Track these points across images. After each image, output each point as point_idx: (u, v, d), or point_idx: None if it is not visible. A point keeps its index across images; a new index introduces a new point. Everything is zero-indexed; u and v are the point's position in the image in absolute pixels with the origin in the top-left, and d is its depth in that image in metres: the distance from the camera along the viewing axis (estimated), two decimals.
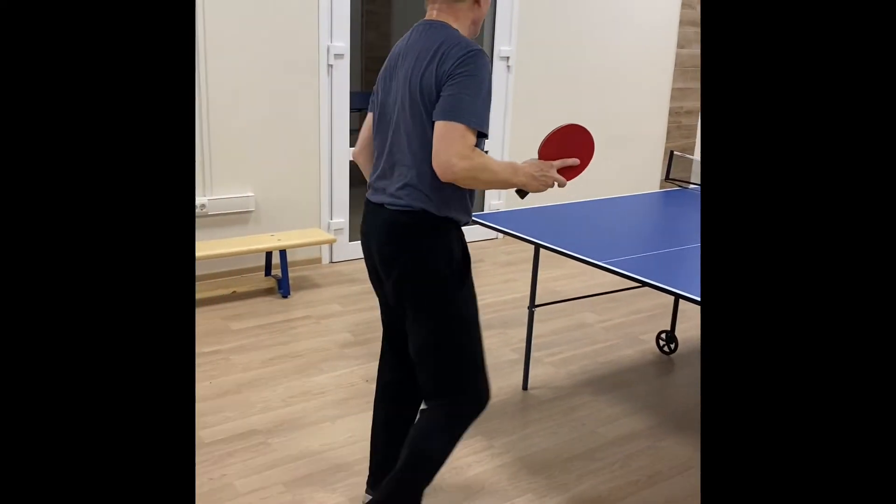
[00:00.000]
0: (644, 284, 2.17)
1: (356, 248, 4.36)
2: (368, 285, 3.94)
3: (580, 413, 2.70)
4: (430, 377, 1.80)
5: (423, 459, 1.80)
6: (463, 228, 1.87)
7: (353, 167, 4.29)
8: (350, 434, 2.49)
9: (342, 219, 4.26)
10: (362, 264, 4.29)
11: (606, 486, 2.26)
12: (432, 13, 1.76)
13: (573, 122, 1.85)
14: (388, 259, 1.76)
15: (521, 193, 1.83)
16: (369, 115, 1.90)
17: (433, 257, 1.73)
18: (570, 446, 2.48)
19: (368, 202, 1.84)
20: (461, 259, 1.78)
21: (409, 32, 1.79)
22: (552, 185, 1.80)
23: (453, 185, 1.70)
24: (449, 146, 1.61)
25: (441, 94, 1.64)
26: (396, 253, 1.74)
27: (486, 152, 1.69)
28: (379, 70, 7.13)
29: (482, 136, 1.67)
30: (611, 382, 2.96)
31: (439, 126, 1.62)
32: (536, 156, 1.85)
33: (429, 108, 1.66)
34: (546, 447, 2.46)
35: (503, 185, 1.71)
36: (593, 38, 5.04)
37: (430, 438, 1.80)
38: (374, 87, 1.87)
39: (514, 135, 4.86)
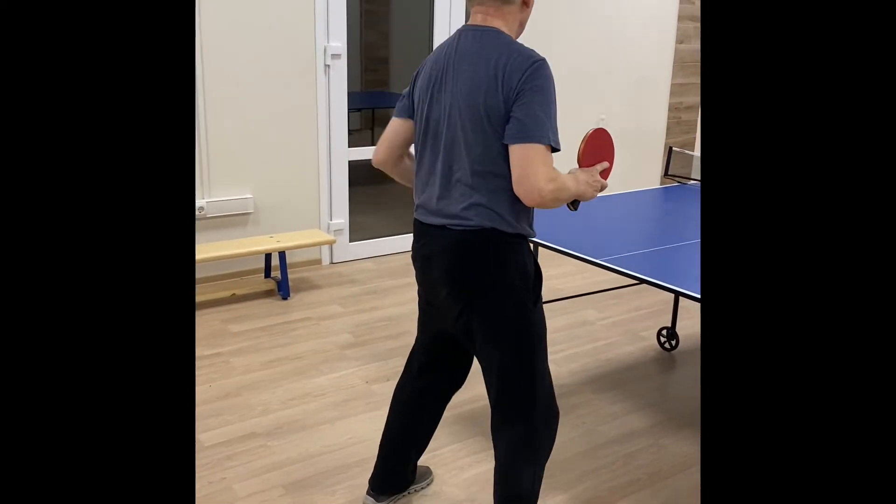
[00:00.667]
0: (642, 282, 2.15)
1: (356, 249, 4.35)
2: (369, 286, 3.94)
3: (581, 411, 2.69)
4: (507, 400, 1.75)
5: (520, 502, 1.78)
6: None
7: (353, 167, 4.28)
8: (350, 436, 2.48)
9: (342, 219, 4.25)
10: (363, 265, 4.28)
11: (607, 486, 2.25)
12: (477, 17, 1.67)
13: (597, 127, 1.84)
14: (459, 282, 1.69)
15: (575, 205, 1.78)
16: (400, 122, 1.80)
17: (510, 275, 1.67)
18: (571, 445, 2.46)
19: (423, 224, 1.74)
20: (534, 275, 1.73)
21: (453, 38, 1.70)
22: (599, 189, 1.78)
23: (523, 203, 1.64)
24: (535, 171, 1.54)
25: (512, 111, 1.56)
26: (469, 274, 1.67)
27: None
28: (380, 70, 7.14)
29: (555, 150, 1.61)
30: (612, 380, 2.95)
31: (519, 150, 1.55)
32: (576, 164, 1.81)
33: (495, 124, 1.58)
34: None
35: (572, 199, 1.68)
36: (592, 33, 5.02)
37: (520, 478, 1.76)
38: (409, 93, 1.77)
39: None
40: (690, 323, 3.55)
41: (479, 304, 1.69)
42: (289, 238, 3.79)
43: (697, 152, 5.83)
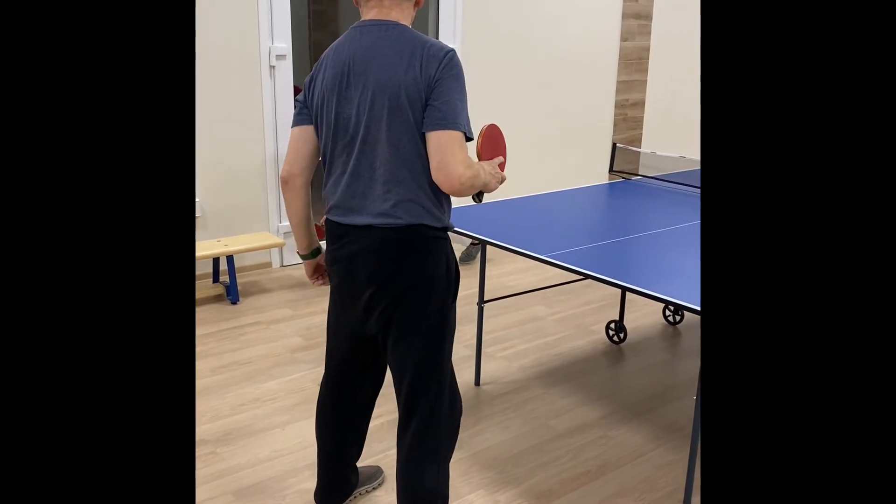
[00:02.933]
0: (588, 277, 2.19)
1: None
2: (320, 288, 3.91)
3: (532, 406, 2.72)
4: (417, 394, 1.74)
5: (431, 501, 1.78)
6: None
7: None
8: (300, 439, 2.46)
9: None
10: None
11: (558, 479, 2.28)
12: (372, 11, 1.65)
13: (490, 123, 1.88)
14: (386, 281, 1.67)
15: (480, 197, 1.80)
16: (305, 129, 1.74)
17: (438, 269, 1.68)
18: (522, 440, 2.49)
19: (342, 225, 1.70)
20: (456, 269, 1.75)
21: (351, 35, 1.66)
22: (501, 182, 1.79)
23: (446, 194, 1.65)
24: (453, 156, 1.55)
25: (430, 100, 1.57)
26: (399, 272, 1.66)
27: None
28: None
29: (469, 139, 1.62)
30: (562, 374, 2.99)
31: (439, 136, 1.56)
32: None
33: (416, 116, 1.58)
34: (498, 442, 2.47)
35: (483, 187, 1.69)
36: (538, 32, 5.07)
37: (423, 476, 1.76)
38: (306, 99, 1.73)
39: None
40: (638, 315, 3.62)
41: (405, 298, 1.68)
42: (237, 241, 3.74)
43: (644, 148, 5.94)
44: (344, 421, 1.97)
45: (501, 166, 1.86)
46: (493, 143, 1.86)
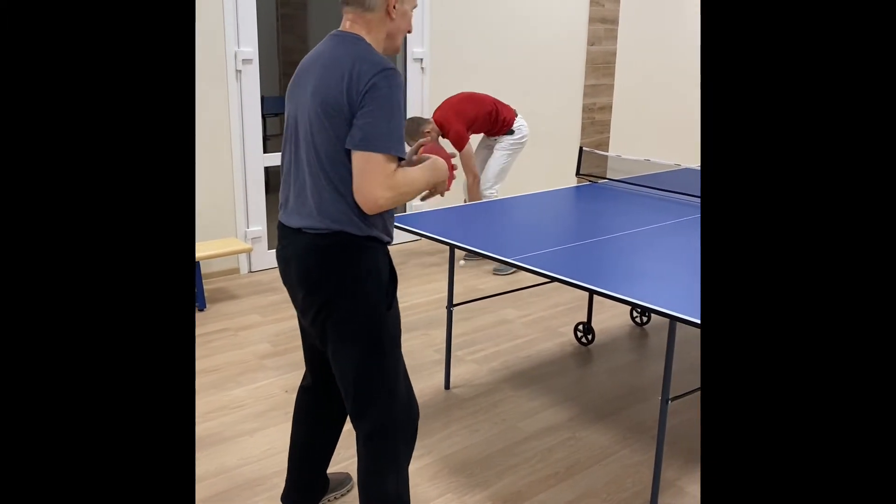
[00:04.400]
0: (554, 280, 2.21)
1: (274, 257, 4.29)
2: (287, 294, 3.89)
3: (501, 409, 2.73)
4: (363, 403, 1.74)
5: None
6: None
7: (273, 173, 4.22)
8: (269, 447, 2.45)
9: (259, 227, 4.18)
10: None
11: (526, 481, 2.29)
12: (346, 24, 1.68)
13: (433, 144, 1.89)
14: (313, 286, 1.68)
15: (425, 197, 1.82)
16: None
17: (362, 279, 1.67)
18: (491, 443, 2.50)
19: (283, 226, 1.74)
20: (389, 279, 1.73)
21: (323, 41, 1.71)
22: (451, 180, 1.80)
23: None
24: (371, 180, 1.56)
25: (356, 117, 1.57)
26: (323, 279, 1.66)
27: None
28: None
29: (401, 159, 1.62)
30: (531, 376, 3.01)
31: (358, 158, 1.56)
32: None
33: (337, 127, 1.59)
34: (467, 445, 2.48)
35: (426, 186, 1.69)
36: (505, 37, 5.10)
37: (385, 484, 1.76)
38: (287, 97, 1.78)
39: None
40: (606, 317, 3.66)
41: (332, 308, 1.68)
42: (204, 248, 3.71)
43: (611, 152, 6.00)
44: (315, 422, 1.97)
45: (450, 167, 1.83)
46: (436, 152, 1.84)
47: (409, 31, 1.75)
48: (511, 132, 4.31)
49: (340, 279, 1.66)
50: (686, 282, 2.20)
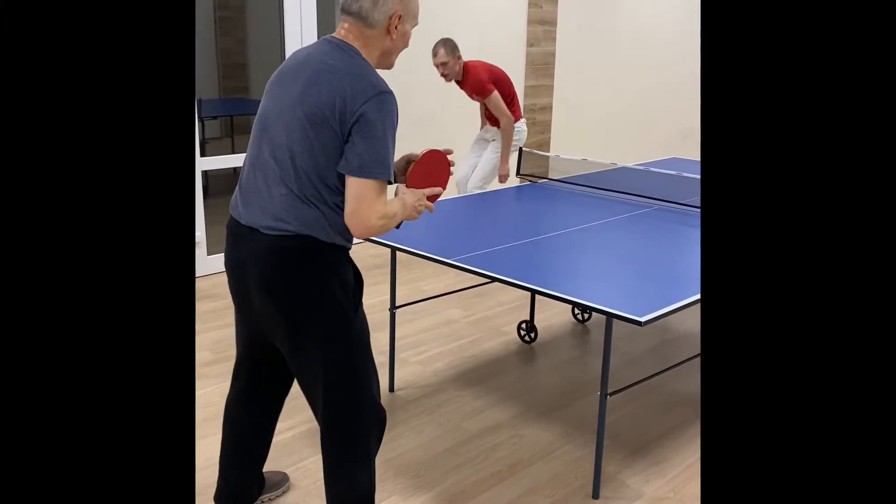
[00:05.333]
0: (494, 280, 2.23)
1: (215, 262, 4.21)
2: (229, 300, 3.82)
3: (445, 409, 2.74)
4: (339, 410, 1.73)
5: None
6: None
7: (211, 177, 4.14)
8: (208, 457, 2.40)
9: (199, 232, 4.10)
10: (222, 278, 4.15)
11: (470, 480, 2.31)
12: (341, 30, 1.65)
13: (432, 149, 1.83)
14: (275, 289, 1.64)
15: (398, 225, 1.77)
16: None
17: (330, 283, 1.64)
18: (435, 443, 2.51)
19: (238, 225, 1.69)
20: (355, 284, 1.72)
21: (314, 43, 1.67)
22: (422, 212, 1.78)
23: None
24: (368, 209, 1.56)
25: (352, 139, 1.55)
26: (287, 282, 1.63)
27: None
28: (238, 76, 6.93)
29: (390, 183, 1.62)
30: (475, 376, 3.02)
31: (356, 184, 1.55)
32: (405, 183, 1.80)
33: (324, 139, 1.56)
34: (411, 447, 2.48)
35: (401, 218, 1.69)
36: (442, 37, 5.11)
37: (358, 481, 1.76)
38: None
39: None
40: (548, 315, 3.70)
41: (298, 312, 1.65)
42: None
43: (553, 152, 6.08)
44: (248, 421, 1.95)
45: (435, 197, 1.82)
46: (427, 172, 1.81)
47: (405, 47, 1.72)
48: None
49: (307, 282, 1.63)
50: (622, 278, 2.24)
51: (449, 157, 1.86)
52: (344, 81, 1.56)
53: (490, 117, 4.35)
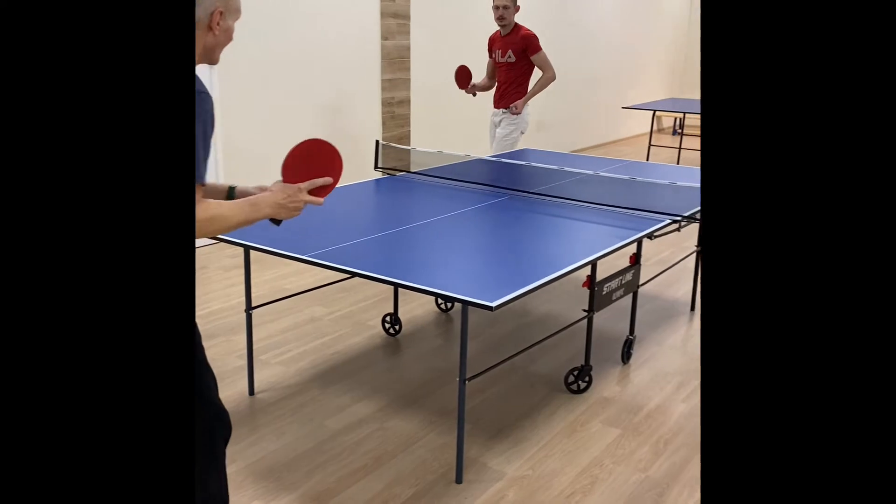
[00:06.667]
0: (355, 275, 2.21)
1: None
2: None
3: (308, 409, 2.70)
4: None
5: None
6: None
7: None
8: None
9: None
10: None
11: (335, 477, 2.29)
12: None
13: (313, 138, 1.72)
14: None
15: (276, 221, 1.69)
16: None
17: None
18: (298, 444, 2.46)
19: None
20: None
21: None
22: (303, 208, 1.68)
23: None
24: None
25: None
26: None
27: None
28: None
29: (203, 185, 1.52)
30: (339, 372, 3.00)
31: None
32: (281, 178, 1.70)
33: None
34: (274, 449, 2.42)
35: (242, 225, 1.57)
36: (297, 31, 5.01)
37: (206, 483, 1.71)
38: None
39: (225, 140, 4.69)
40: (413, 306, 3.73)
41: None
42: None
43: (413, 145, 6.12)
44: None
45: (324, 188, 1.71)
46: (301, 164, 1.69)
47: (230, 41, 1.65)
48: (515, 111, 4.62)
49: None
50: (476, 266, 2.30)
51: None
52: None
53: (499, 98, 4.70)
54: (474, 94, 4.81)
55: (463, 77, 4.73)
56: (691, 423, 2.67)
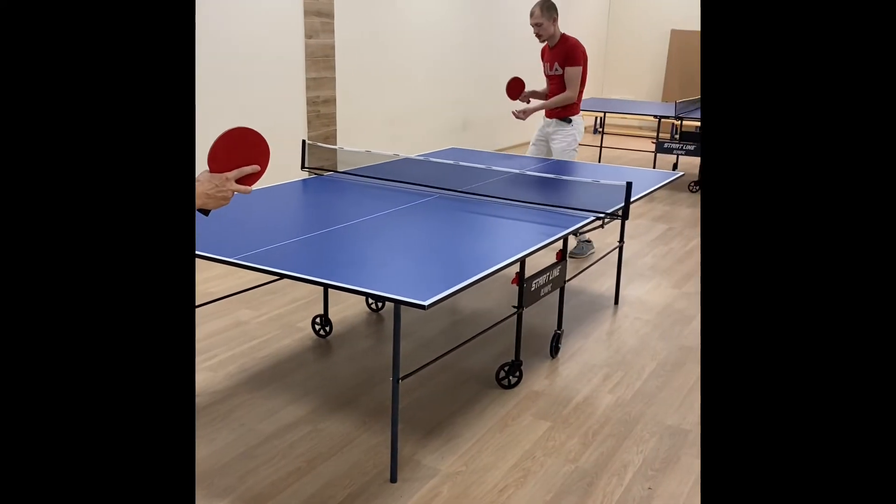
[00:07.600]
0: (283, 277, 2.18)
1: None
2: None
3: (238, 413, 2.65)
4: None
5: None
6: None
7: None
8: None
9: None
10: None
11: (268, 481, 2.26)
12: None
13: (238, 126, 1.67)
14: None
15: (204, 212, 1.65)
16: None
17: None
18: (229, 450, 2.42)
19: None
20: None
21: None
22: (232, 197, 1.64)
23: None
24: None
25: None
26: None
27: None
28: None
29: None
30: (269, 376, 2.96)
31: None
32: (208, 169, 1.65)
33: None
34: (203, 456, 2.37)
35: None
36: (219, 31, 4.90)
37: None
38: None
39: None
40: (343, 307, 3.71)
41: None
42: None
43: (339, 145, 6.08)
44: None
45: (252, 176, 1.68)
46: (227, 154, 1.65)
47: None
48: (569, 121, 4.46)
49: None
50: (407, 265, 2.31)
51: None
52: None
53: (550, 111, 4.49)
54: (528, 102, 4.55)
55: (515, 87, 4.48)
56: (617, 413, 2.76)
